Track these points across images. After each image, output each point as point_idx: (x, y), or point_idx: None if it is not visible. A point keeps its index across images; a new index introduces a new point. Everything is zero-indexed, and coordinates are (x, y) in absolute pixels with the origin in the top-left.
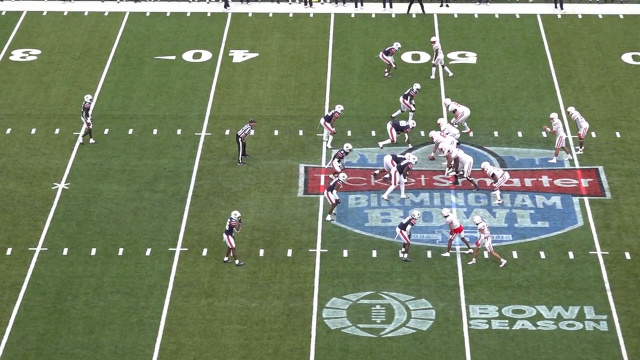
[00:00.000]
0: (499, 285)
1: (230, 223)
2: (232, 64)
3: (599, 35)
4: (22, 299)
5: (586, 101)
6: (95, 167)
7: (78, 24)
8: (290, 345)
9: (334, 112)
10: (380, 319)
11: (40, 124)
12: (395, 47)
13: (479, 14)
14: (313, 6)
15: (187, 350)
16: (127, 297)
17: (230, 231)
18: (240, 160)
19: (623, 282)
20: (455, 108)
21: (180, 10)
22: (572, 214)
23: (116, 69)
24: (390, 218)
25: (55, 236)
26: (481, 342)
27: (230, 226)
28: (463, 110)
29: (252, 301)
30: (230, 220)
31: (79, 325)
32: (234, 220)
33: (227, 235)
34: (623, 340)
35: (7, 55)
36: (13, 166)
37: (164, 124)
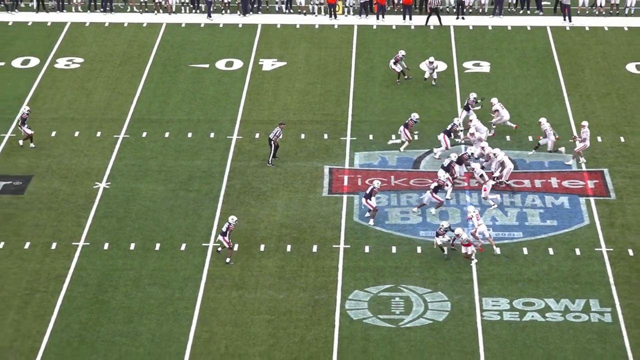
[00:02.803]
0: (510, 279)
1: (229, 227)
2: (262, 72)
3: (604, 46)
4: (66, 290)
5: (592, 108)
6: (134, 168)
7: (118, 34)
8: (315, 335)
9: (410, 120)
10: (399, 310)
11: (83, 127)
12: (399, 54)
13: (493, 25)
14: (337, 18)
15: (219, 338)
16: (164, 288)
17: (226, 234)
18: (269, 162)
19: (626, 277)
20: (497, 109)
21: (214, 21)
22: (578, 213)
23: (154, 76)
24: (409, 217)
25: (97, 232)
26: (493, 332)
27: (228, 229)
28: (504, 115)
29: (279, 293)
30: (229, 225)
31: (118, 315)
32: (232, 225)
33: (223, 237)
34: (626, 331)
35: (52, 63)
36: (58, 166)
37: (198, 127)
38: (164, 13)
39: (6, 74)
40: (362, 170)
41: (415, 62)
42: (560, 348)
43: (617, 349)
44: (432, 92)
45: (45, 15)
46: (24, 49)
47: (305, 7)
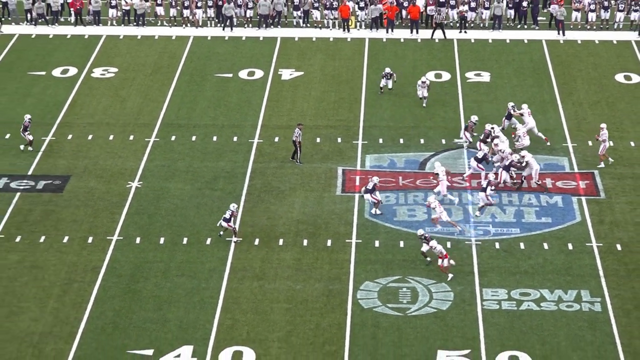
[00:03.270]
0: (508, 271)
1: (232, 214)
2: (281, 81)
3: (595, 58)
4: (101, 281)
5: (584, 114)
6: (164, 168)
7: (150, 46)
8: (329, 322)
9: (469, 122)
10: (406, 299)
11: (117, 131)
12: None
13: (493, 39)
14: (350, 32)
15: (241, 325)
16: (190, 279)
17: (230, 219)
18: (298, 161)
19: (615, 270)
20: (525, 114)
21: (236, 35)
22: (571, 211)
23: (182, 84)
24: (415, 214)
25: (130, 227)
26: (492, 320)
27: (232, 215)
28: (529, 121)
29: (296, 284)
30: (232, 212)
31: (149, 303)
32: (234, 212)
33: (227, 223)
34: (614, 319)
35: (89, 72)
36: (94, 167)
37: (222, 132)
38: (191, 27)
39: (47, 82)
40: (372, 171)
41: (422, 73)
42: (554, 335)
43: (606, 335)
44: (437, 100)
45: (83, 28)
46: (63, 59)
47: (321, 21)
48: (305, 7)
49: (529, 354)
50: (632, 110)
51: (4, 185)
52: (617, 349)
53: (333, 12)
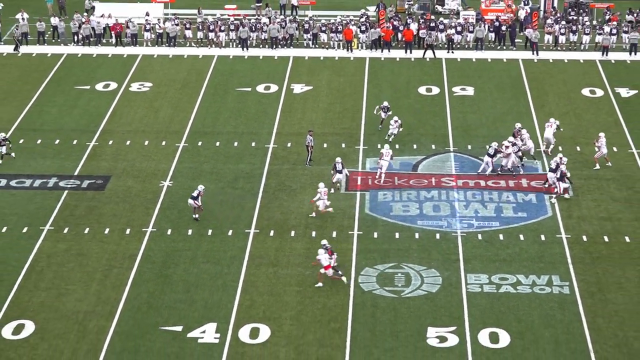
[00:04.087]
0: (489, 259)
1: (199, 193)
2: (293, 94)
3: (564, 75)
4: (137, 266)
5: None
6: (192, 170)
7: (180, 64)
8: (334, 302)
9: (515, 129)
10: (401, 283)
11: (151, 138)
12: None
13: (476, 58)
14: (353, 52)
15: (258, 305)
16: (214, 265)
17: (197, 198)
18: (307, 163)
19: (581, 258)
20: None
21: (254, 54)
22: (543, 207)
23: (207, 97)
24: (409, 209)
25: (162, 220)
26: (475, 301)
27: (199, 194)
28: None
29: (306, 269)
30: (199, 192)
31: (178, 286)
32: (201, 192)
33: (194, 201)
34: (580, 300)
35: (127, 87)
36: (131, 168)
37: (242, 138)
38: (215, 48)
39: (91, 95)
40: (372, 173)
41: (415, 88)
42: (528, 314)
43: (574, 314)
44: (428, 111)
45: (122, 49)
46: (105, 75)
47: (327, 43)
48: (314, 31)
49: (507, 331)
50: (596, 120)
51: (53, 184)
52: (582, 326)
53: (338, 35)
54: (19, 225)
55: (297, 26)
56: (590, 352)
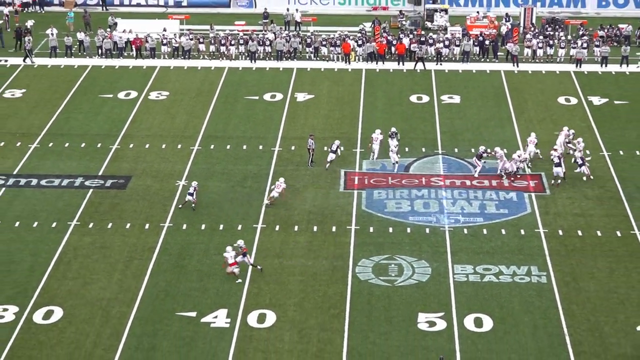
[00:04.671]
0: (474, 251)
1: (194, 189)
2: (297, 102)
3: (542, 85)
4: (155, 258)
5: (533, 129)
6: (204, 170)
7: (194, 74)
8: (333, 291)
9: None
10: (394, 273)
11: (168, 142)
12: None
13: (462, 69)
14: (351, 64)
15: (264, 292)
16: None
17: (193, 194)
18: (309, 164)
19: (557, 250)
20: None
21: (261, 66)
22: (523, 204)
23: (219, 105)
24: (401, 206)
25: (178, 216)
26: (461, 289)
27: (195, 190)
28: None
29: (308, 261)
30: (195, 188)
31: (193, 276)
32: (196, 187)
33: (191, 196)
34: (556, 288)
35: (147, 95)
36: (150, 169)
37: (250, 142)
38: (226, 60)
39: (113, 103)
40: (368, 173)
41: (406, 96)
42: (509, 301)
43: (550, 301)
44: (419, 117)
45: (142, 61)
46: (126, 85)
47: (328, 56)
48: (316, 45)
49: (490, 316)
50: (570, 126)
51: (79, 184)
52: (558, 312)
53: (337, 49)
54: (48, 221)
55: (300, 41)
56: (565, 335)
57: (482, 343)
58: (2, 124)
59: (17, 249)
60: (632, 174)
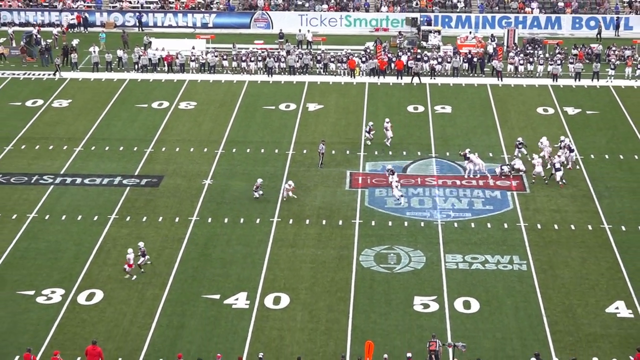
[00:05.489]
0: (463, 242)
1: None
2: (308, 111)
3: (523, 97)
4: (184, 247)
5: (515, 136)
6: (227, 171)
7: (218, 87)
8: (340, 277)
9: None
10: (393, 261)
11: (196, 146)
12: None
13: (453, 83)
14: (355, 78)
15: (279, 279)
16: (245, 247)
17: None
18: (320, 166)
19: (536, 242)
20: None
21: (277, 80)
22: (506, 201)
23: (240, 114)
24: (400, 203)
25: (204, 211)
26: (452, 276)
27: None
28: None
29: (318, 250)
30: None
31: (216, 263)
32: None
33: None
34: (535, 275)
35: (177, 105)
36: (180, 170)
37: (267, 146)
38: (246, 74)
39: (148, 112)
40: (370, 174)
41: (404, 106)
42: (494, 286)
43: (530, 287)
44: (415, 125)
45: (173, 75)
46: (159, 96)
47: (335, 71)
48: (325, 61)
49: (477, 299)
50: (548, 133)
51: (118, 182)
52: (537, 296)
53: (343, 65)
54: (90, 215)
55: (311, 58)
56: (543, 316)
57: (470, 323)
58: (51, 130)
59: (63, 239)
60: (601, 175)
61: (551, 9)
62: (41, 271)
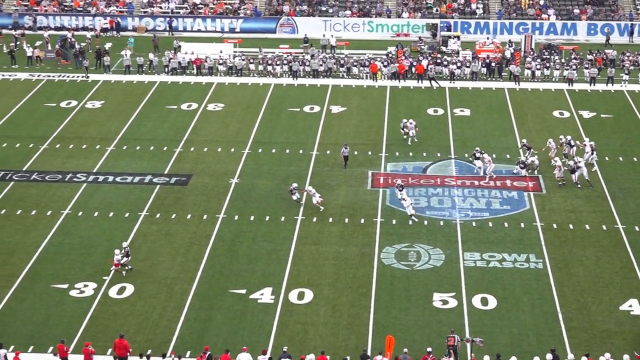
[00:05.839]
0: (481, 241)
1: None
2: (331, 114)
3: (540, 100)
4: (212, 244)
5: (532, 137)
6: (254, 170)
7: (245, 89)
8: (362, 273)
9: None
10: (413, 259)
11: (223, 146)
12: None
13: (472, 87)
14: (377, 81)
15: (303, 274)
16: (270, 244)
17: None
18: (345, 166)
19: (551, 241)
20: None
21: (302, 83)
22: (523, 201)
23: (266, 115)
24: (420, 202)
25: (231, 209)
26: (470, 273)
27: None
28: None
29: (340, 247)
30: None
31: (243, 259)
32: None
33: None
34: (551, 273)
35: (205, 107)
36: (208, 169)
37: (292, 146)
38: (272, 77)
39: (178, 113)
40: (391, 174)
41: (424, 109)
42: (511, 283)
43: (545, 284)
44: (434, 127)
45: (201, 77)
46: (188, 98)
47: (358, 75)
48: (348, 65)
49: (494, 296)
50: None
51: (149, 180)
52: (553, 293)
53: (366, 68)
54: (122, 211)
55: (334, 62)
56: (558, 313)
57: (488, 319)
58: (84, 130)
59: (95, 235)
60: (615, 176)
61: (567, 16)
62: (74, 265)
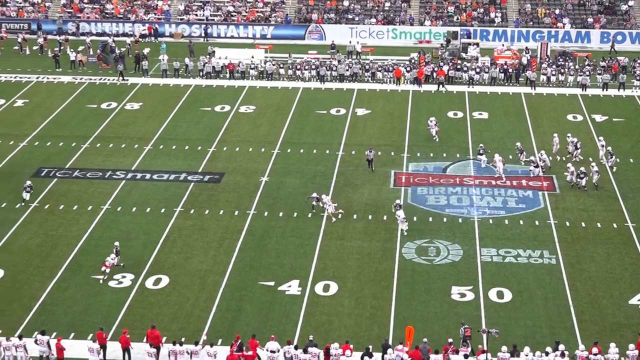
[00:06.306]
0: (497, 237)
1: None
2: (357, 116)
3: (554, 105)
4: (242, 238)
5: (547, 140)
6: (282, 169)
7: (275, 93)
8: (384, 267)
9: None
10: (432, 254)
11: (254, 146)
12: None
13: (490, 91)
14: (400, 85)
15: (329, 268)
16: (298, 239)
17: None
18: (372, 169)
19: (565, 238)
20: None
21: (329, 87)
22: (538, 200)
23: (295, 117)
24: (439, 201)
25: (261, 205)
26: (487, 268)
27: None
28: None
29: (364, 242)
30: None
31: (272, 253)
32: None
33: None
34: (564, 269)
35: (237, 109)
36: (239, 167)
37: (319, 147)
38: (301, 82)
39: (212, 114)
40: (413, 174)
41: (445, 112)
42: (525, 277)
43: (558, 279)
44: (454, 129)
45: (234, 81)
46: (221, 100)
47: (382, 79)
48: (372, 70)
49: (510, 290)
50: (577, 137)
51: (183, 178)
52: (565, 288)
53: (390, 74)
54: (158, 207)
55: (360, 67)
56: (571, 306)
57: (503, 311)
58: (124, 130)
59: (133, 229)
60: (626, 177)
61: (581, 25)
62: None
